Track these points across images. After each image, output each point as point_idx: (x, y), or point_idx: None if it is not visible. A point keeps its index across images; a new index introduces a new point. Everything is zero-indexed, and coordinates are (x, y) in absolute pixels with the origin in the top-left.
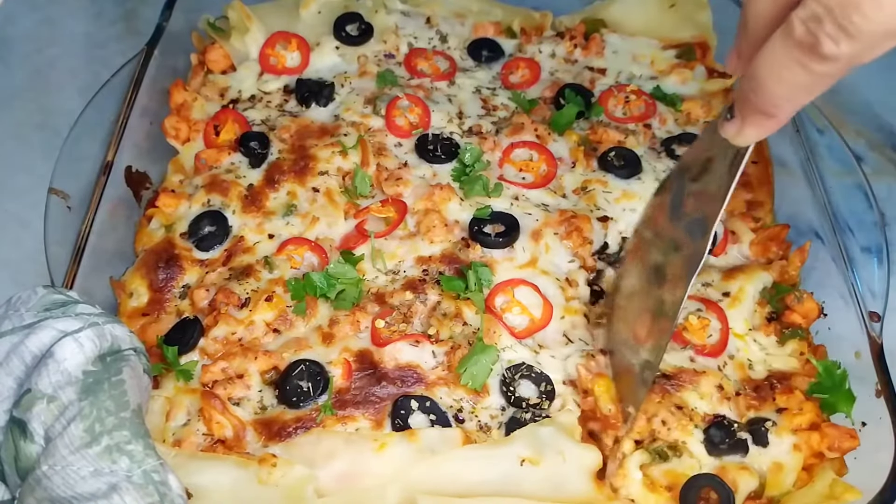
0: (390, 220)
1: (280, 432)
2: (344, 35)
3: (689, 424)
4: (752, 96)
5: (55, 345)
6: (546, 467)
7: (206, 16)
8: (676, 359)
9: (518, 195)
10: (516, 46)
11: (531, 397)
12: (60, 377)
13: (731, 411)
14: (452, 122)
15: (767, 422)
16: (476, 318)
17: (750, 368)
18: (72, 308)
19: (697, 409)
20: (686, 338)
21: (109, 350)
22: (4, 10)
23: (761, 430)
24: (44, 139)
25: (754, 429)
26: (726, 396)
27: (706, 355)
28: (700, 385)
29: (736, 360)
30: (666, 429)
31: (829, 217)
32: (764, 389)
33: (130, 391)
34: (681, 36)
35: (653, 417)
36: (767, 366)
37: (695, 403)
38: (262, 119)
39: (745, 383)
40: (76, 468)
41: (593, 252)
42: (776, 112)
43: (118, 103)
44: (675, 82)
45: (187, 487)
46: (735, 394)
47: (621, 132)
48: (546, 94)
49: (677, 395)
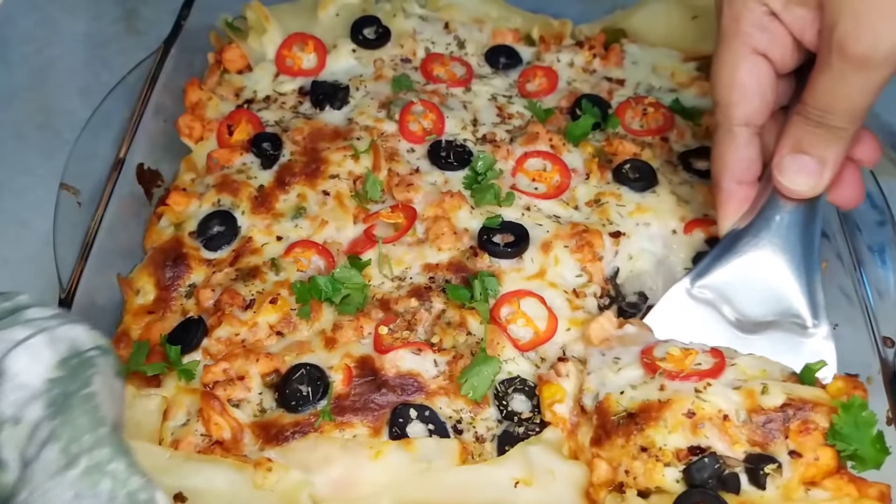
0: (399, 226)
1: (278, 436)
2: (361, 38)
3: (657, 466)
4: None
5: (4, 359)
6: (538, 487)
7: (225, 15)
8: (643, 392)
9: (530, 205)
10: (534, 54)
11: (524, 411)
12: (20, 394)
13: (719, 442)
14: (466, 129)
15: (771, 464)
16: (480, 329)
17: (764, 393)
18: (20, 315)
19: (667, 445)
20: (659, 365)
21: (70, 353)
22: (4, 10)
23: (759, 473)
24: (44, 139)
25: (751, 468)
26: (698, 423)
27: (681, 379)
28: (666, 417)
29: (745, 388)
30: (631, 478)
31: (838, 216)
32: (776, 423)
33: (104, 403)
34: (702, 48)
35: (617, 466)
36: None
37: (664, 440)
38: (275, 120)
39: (754, 413)
40: (56, 493)
41: (607, 277)
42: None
43: (132, 101)
44: (694, 95)
45: (182, 490)
46: (723, 419)
47: (637, 144)
48: (562, 103)
49: (642, 434)
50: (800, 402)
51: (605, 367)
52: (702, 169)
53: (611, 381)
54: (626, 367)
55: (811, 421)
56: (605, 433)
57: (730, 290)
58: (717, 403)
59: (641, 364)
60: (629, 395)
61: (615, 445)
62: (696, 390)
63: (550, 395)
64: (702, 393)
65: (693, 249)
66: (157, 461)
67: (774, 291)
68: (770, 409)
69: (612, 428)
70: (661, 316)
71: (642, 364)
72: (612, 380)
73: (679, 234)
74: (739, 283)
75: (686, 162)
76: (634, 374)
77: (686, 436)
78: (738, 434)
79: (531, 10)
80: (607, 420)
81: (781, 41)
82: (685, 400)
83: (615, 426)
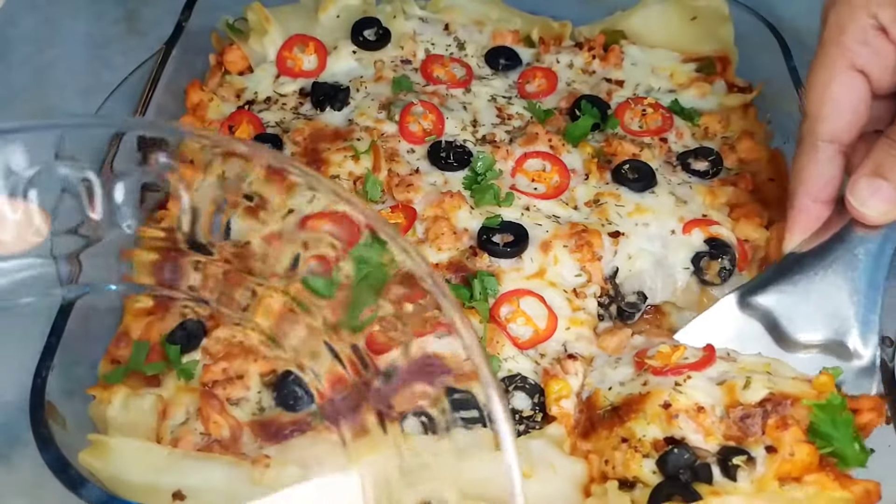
0: (399, 226)
1: (276, 434)
2: (361, 39)
3: (636, 457)
4: None
5: None
6: (538, 480)
7: (226, 17)
8: (629, 387)
9: (529, 205)
10: (534, 56)
11: (525, 409)
12: None
13: (693, 434)
14: (466, 129)
15: (741, 455)
16: (480, 328)
17: (746, 388)
18: None
19: (645, 436)
20: (646, 362)
21: None
22: (5, 11)
23: (730, 465)
24: None
25: (723, 459)
26: (673, 415)
27: (664, 374)
28: (645, 409)
29: (728, 382)
30: (611, 468)
31: None
32: (754, 419)
33: None
34: (701, 49)
35: (601, 457)
36: (770, 383)
37: (643, 431)
38: (276, 121)
39: (732, 409)
40: None
41: (606, 276)
42: None
43: (133, 101)
44: (693, 96)
45: (180, 488)
46: (698, 411)
47: (637, 145)
48: (562, 104)
49: (624, 426)
50: (780, 397)
51: (607, 366)
52: (700, 169)
53: (608, 377)
54: (622, 365)
55: (789, 417)
56: (592, 426)
57: (784, 309)
58: (693, 396)
59: (633, 362)
60: (616, 390)
61: (600, 437)
62: (676, 383)
63: (557, 389)
64: (680, 386)
65: (692, 250)
66: (156, 459)
67: (830, 317)
68: (748, 405)
69: (598, 421)
70: (706, 325)
71: (633, 362)
72: (609, 376)
73: (678, 235)
74: (796, 304)
75: (685, 162)
76: (627, 371)
77: (662, 427)
78: (713, 427)
79: (531, 12)
80: (594, 414)
81: (884, 59)
82: (663, 392)
83: (600, 419)
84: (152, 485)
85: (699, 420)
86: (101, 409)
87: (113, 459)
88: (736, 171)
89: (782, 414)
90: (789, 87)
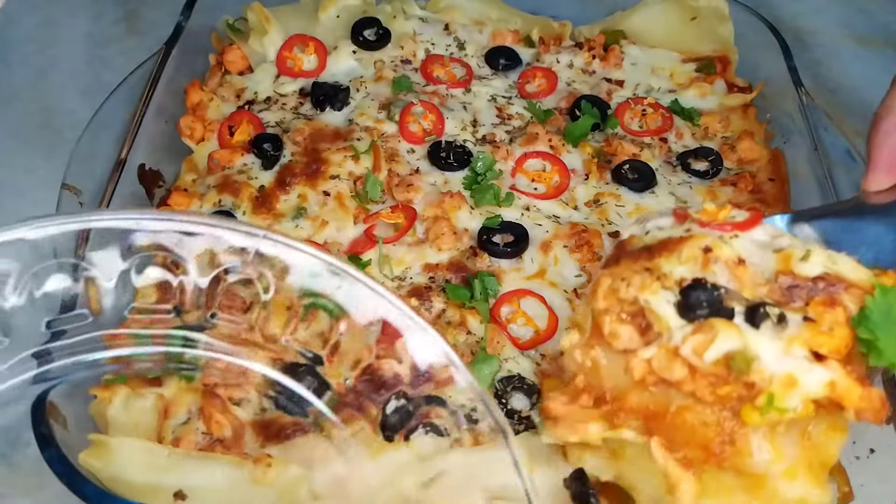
0: (399, 227)
1: (278, 434)
2: (361, 39)
3: (654, 283)
4: None
5: None
6: (537, 476)
7: (226, 17)
8: (667, 232)
9: (529, 205)
10: (534, 56)
11: (523, 409)
12: None
13: (728, 283)
14: (466, 129)
15: (772, 307)
16: (480, 328)
17: (804, 260)
18: None
19: (672, 273)
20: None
21: None
22: (5, 11)
23: (759, 312)
24: (44, 139)
25: (752, 306)
26: (712, 260)
27: (711, 228)
28: (682, 250)
29: (785, 252)
30: (626, 285)
31: None
32: (801, 290)
33: None
34: (701, 49)
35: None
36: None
37: (670, 268)
38: (276, 121)
39: (782, 275)
40: None
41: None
42: None
43: (133, 101)
44: (693, 96)
45: (182, 488)
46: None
47: (636, 145)
48: (562, 104)
49: (652, 261)
50: (835, 279)
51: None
52: (700, 169)
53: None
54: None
55: (839, 300)
56: (616, 259)
57: (833, 240)
58: (738, 250)
59: (673, 216)
60: (653, 234)
61: (623, 266)
62: (721, 237)
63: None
64: (725, 239)
65: None
66: (157, 459)
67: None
68: (801, 277)
69: (625, 255)
70: None
71: (674, 215)
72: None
73: None
74: (846, 239)
75: (685, 162)
76: (664, 221)
77: (695, 269)
78: (752, 282)
79: (531, 12)
80: (623, 251)
81: None
82: (706, 237)
83: (629, 254)
84: (153, 485)
85: (738, 272)
86: (102, 408)
87: (114, 459)
88: (736, 171)
89: (834, 294)
90: (789, 87)
